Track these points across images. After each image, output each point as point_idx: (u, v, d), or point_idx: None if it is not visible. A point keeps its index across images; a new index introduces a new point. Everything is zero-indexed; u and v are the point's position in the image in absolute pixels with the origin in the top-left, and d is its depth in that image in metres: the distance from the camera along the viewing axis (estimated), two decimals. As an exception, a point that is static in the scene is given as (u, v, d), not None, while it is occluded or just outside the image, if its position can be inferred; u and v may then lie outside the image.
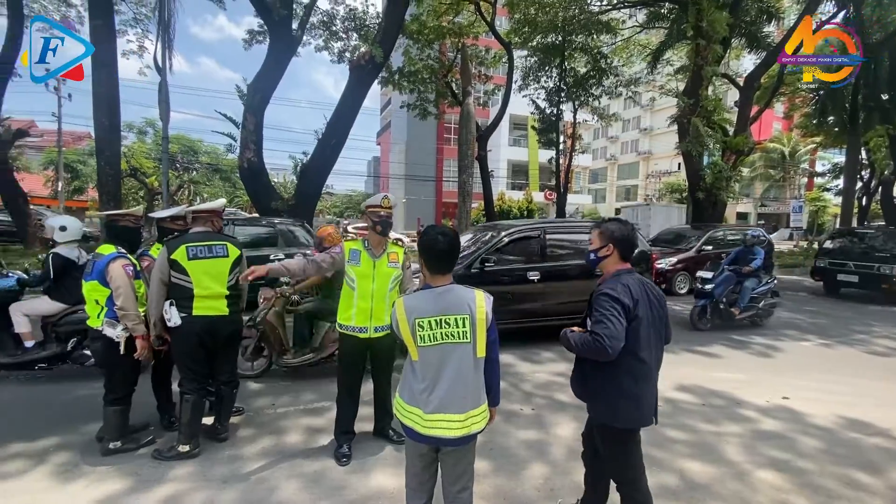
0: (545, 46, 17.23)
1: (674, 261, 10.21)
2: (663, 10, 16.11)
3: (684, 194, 23.61)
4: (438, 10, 15.88)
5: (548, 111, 18.65)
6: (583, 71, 18.14)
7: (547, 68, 17.93)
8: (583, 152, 35.64)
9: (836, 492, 2.84)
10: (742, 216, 45.53)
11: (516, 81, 18.07)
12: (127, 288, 2.91)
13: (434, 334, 1.81)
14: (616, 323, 1.89)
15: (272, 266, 3.08)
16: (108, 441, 3.03)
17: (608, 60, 18.11)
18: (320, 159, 10.44)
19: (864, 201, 24.52)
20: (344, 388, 3.15)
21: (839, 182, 26.86)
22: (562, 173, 19.46)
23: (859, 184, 23.14)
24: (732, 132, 14.34)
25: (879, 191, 22.83)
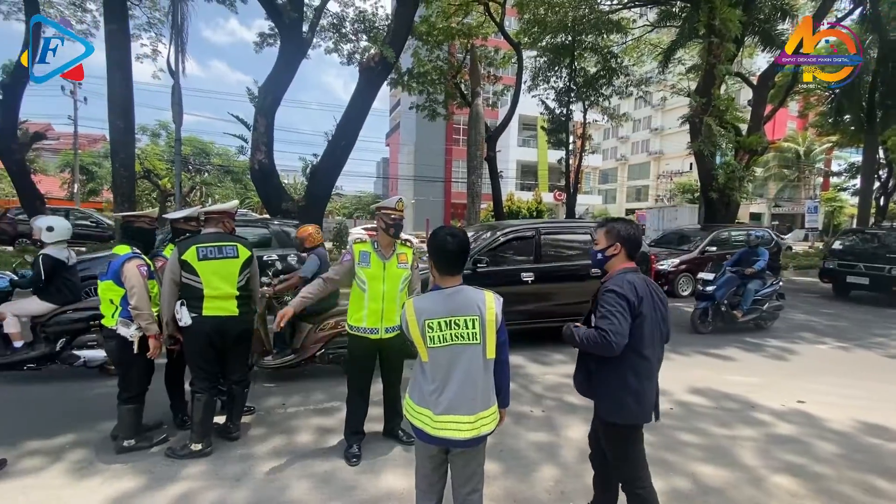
0: (555, 46, 17.10)
1: (676, 262, 10.05)
2: (675, 8, 15.90)
3: (696, 194, 23.31)
4: (448, 11, 15.90)
5: (557, 111, 18.51)
6: (593, 71, 17.99)
7: (556, 68, 17.79)
8: (593, 152, 35.51)
9: (854, 498, 2.78)
10: (756, 217, 44.86)
11: (526, 82, 18.00)
12: (141, 288, 2.95)
13: (444, 335, 1.80)
14: (621, 319, 1.92)
15: (296, 303, 3.05)
16: (123, 439, 3.08)
17: (618, 60, 17.92)
18: (330, 161, 10.49)
19: (881, 201, 24.00)
20: (354, 388, 3.16)
21: (856, 182, 26.37)
22: (571, 174, 19.33)
23: (877, 184, 22.67)
24: (746, 131, 14.13)
25: (897, 190, 22.41)
